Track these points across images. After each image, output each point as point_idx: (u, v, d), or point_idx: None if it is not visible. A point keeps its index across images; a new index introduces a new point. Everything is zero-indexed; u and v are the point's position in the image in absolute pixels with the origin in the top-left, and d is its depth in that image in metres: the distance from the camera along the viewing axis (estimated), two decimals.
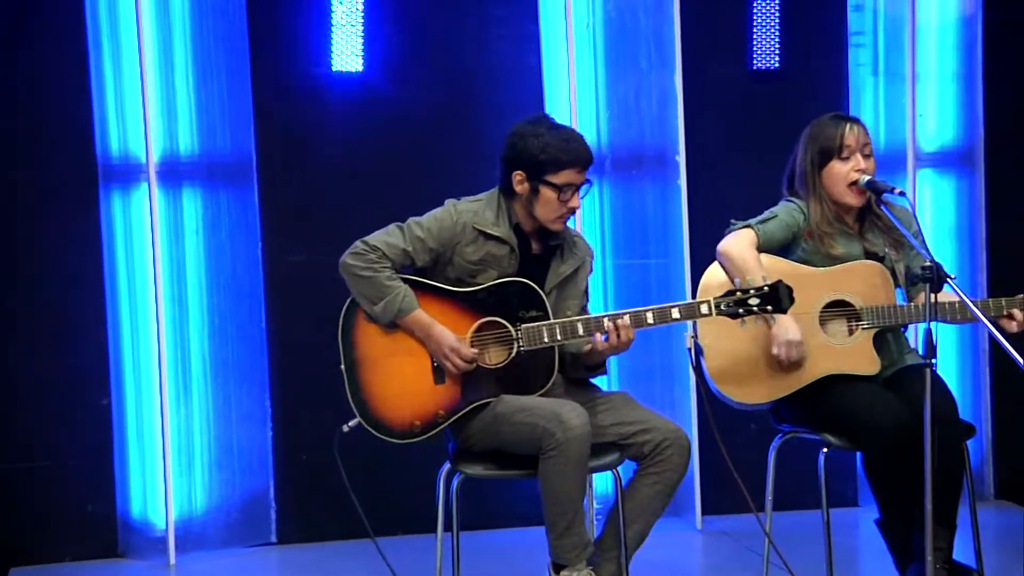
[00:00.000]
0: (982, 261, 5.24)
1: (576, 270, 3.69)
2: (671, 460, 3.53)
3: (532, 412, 3.44)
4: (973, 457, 5.08)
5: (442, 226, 3.58)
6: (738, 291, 3.48)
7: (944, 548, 3.51)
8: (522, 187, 3.58)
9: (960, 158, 5.29)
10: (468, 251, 3.58)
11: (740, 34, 5.09)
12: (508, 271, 3.59)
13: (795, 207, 3.81)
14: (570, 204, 3.56)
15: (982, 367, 5.27)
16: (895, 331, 3.81)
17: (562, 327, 3.52)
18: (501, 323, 3.55)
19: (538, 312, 3.55)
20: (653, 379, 5.05)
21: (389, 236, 3.57)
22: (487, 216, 3.60)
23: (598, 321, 3.52)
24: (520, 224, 3.62)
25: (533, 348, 3.53)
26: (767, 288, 3.46)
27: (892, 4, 5.15)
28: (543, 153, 3.52)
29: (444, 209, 3.63)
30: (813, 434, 3.71)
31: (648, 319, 3.48)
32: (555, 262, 3.67)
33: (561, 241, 3.68)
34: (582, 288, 3.73)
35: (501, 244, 3.60)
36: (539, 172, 3.53)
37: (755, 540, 3.95)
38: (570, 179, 3.53)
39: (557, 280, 3.65)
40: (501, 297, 3.56)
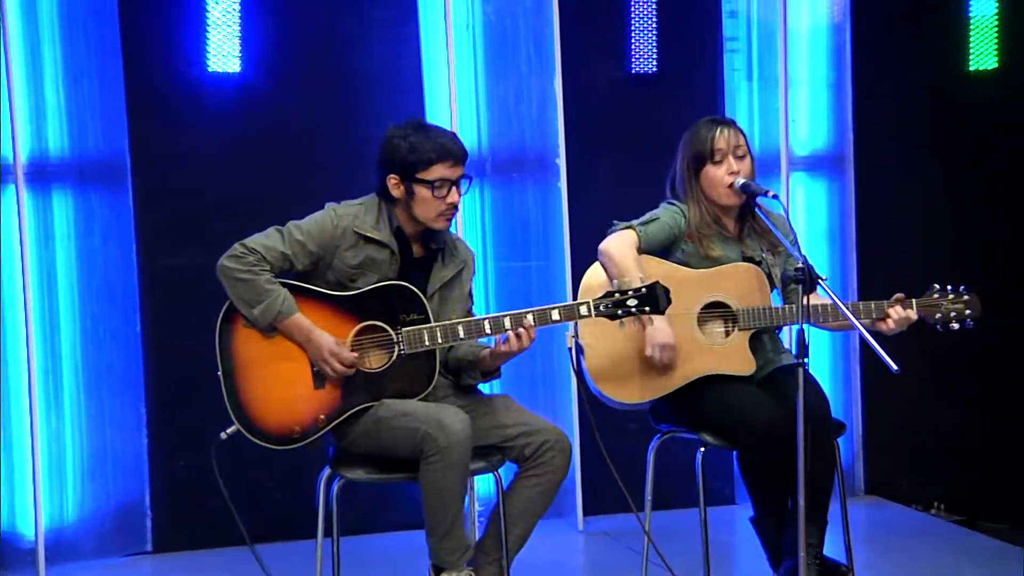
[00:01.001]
0: (852, 263, 5.37)
1: (458, 273, 3.70)
2: (552, 462, 3.55)
3: (413, 417, 3.43)
4: (844, 454, 5.26)
5: (322, 230, 3.55)
6: (616, 292, 3.51)
7: (815, 544, 3.59)
8: (398, 190, 3.57)
9: (831, 162, 5.42)
10: (348, 255, 3.56)
11: (618, 38, 5.15)
12: (388, 275, 3.58)
13: (677, 210, 3.86)
14: (448, 200, 3.55)
15: (853, 367, 5.40)
16: (770, 332, 3.88)
17: (443, 330, 3.51)
18: (381, 327, 3.54)
19: (419, 316, 3.54)
20: (535, 381, 5.07)
21: (268, 239, 3.52)
22: (367, 220, 3.58)
23: (479, 324, 3.52)
24: (402, 227, 3.61)
25: (414, 351, 3.52)
26: (644, 289, 3.50)
27: (765, 11, 5.26)
28: (412, 153, 3.53)
29: (324, 213, 3.60)
30: (691, 433, 3.76)
31: (529, 320, 3.50)
32: (437, 266, 3.66)
33: (442, 245, 3.68)
34: (466, 291, 3.74)
35: (381, 248, 3.58)
36: (411, 172, 3.54)
37: (635, 539, 4.00)
38: (443, 174, 3.53)
39: (439, 284, 3.64)
40: (382, 301, 3.54)
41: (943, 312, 3.76)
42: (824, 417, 3.65)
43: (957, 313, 3.76)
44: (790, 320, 3.77)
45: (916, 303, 3.75)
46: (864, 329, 3.32)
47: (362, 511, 4.75)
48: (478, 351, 3.64)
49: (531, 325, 3.50)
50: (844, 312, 3.40)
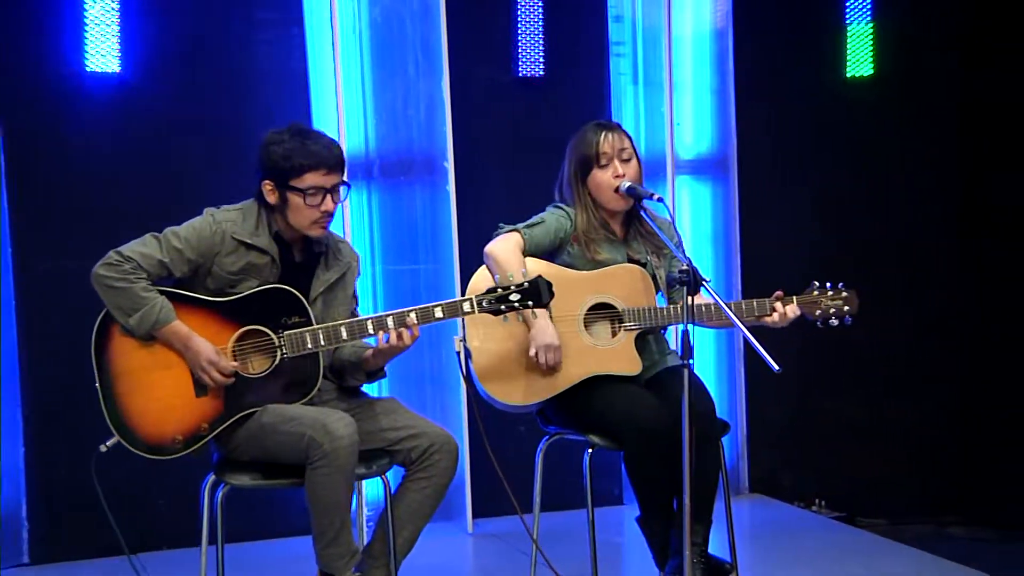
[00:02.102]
0: (736, 264, 5.46)
1: (342, 276, 3.66)
2: (439, 464, 3.54)
3: (299, 422, 3.39)
4: (729, 454, 5.34)
5: (200, 236, 3.49)
6: (499, 288, 3.52)
7: (700, 542, 3.63)
8: (273, 196, 3.53)
9: (716, 165, 5.50)
10: (228, 261, 3.51)
11: (505, 42, 5.16)
12: (270, 281, 3.53)
13: (563, 213, 3.88)
14: (322, 208, 3.51)
15: (737, 367, 5.49)
16: (656, 333, 3.92)
17: (325, 332, 3.48)
18: (263, 331, 3.49)
19: (301, 319, 3.51)
20: (423, 384, 5.06)
21: (144, 246, 3.46)
22: (246, 226, 3.54)
23: (362, 324, 3.50)
24: (281, 232, 3.57)
25: (297, 355, 3.48)
26: (527, 284, 3.52)
27: (650, 16, 5.32)
28: (284, 160, 3.48)
29: (202, 219, 3.54)
30: (578, 435, 3.78)
31: (411, 318, 3.49)
32: (319, 269, 3.63)
33: (324, 248, 3.65)
34: (350, 293, 3.71)
35: (262, 254, 3.54)
36: (284, 179, 3.49)
37: (524, 541, 4.01)
38: (316, 182, 3.49)
39: (323, 287, 3.61)
40: (262, 305, 3.50)
41: (823, 309, 3.83)
42: (709, 417, 3.69)
43: (836, 309, 3.83)
44: (675, 320, 3.82)
45: (797, 300, 3.82)
46: (747, 330, 3.36)
47: (248, 517, 4.68)
48: (362, 352, 3.62)
49: (414, 323, 3.49)
50: (728, 314, 3.45)
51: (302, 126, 3.61)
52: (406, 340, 3.49)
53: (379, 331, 3.49)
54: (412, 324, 3.48)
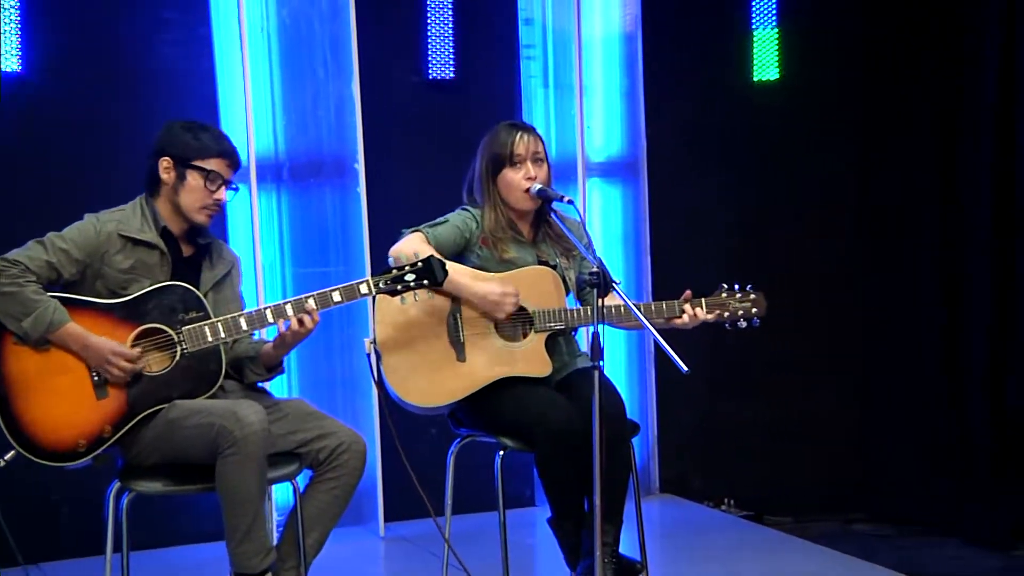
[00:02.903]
0: (647, 265, 5.51)
1: (227, 274, 3.67)
2: (348, 465, 3.52)
3: (208, 413, 3.36)
4: (640, 454, 5.37)
5: (85, 236, 3.46)
6: (394, 269, 3.52)
7: (611, 543, 3.65)
8: (168, 175, 3.53)
9: (626, 168, 5.55)
10: (117, 260, 3.47)
11: (416, 44, 5.15)
12: (160, 278, 3.51)
13: (469, 215, 3.88)
14: (216, 196, 3.53)
15: (648, 368, 5.53)
16: (566, 335, 3.94)
17: (225, 324, 3.46)
18: (160, 329, 3.45)
19: (198, 313, 3.48)
20: (334, 387, 5.03)
21: (29, 251, 3.43)
22: (132, 223, 3.53)
23: (261, 313, 3.48)
24: (168, 227, 3.54)
25: (197, 349, 3.45)
26: (420, 263, 3.53)
27: (560, 19, 5.35)
28: (195, 140, 3.53)
29: (85, 221, 3.53)
30: (490, 437, 3.79)
31: (310, 304, 3.47)
32: (206, 265, 3.63)
33: (210, 241, 3.64)
34: (236, 292, 3.70)
35: (151, 250, 3.51)
36: (188, 157, 3.51)
37: (436, 544, 4.00)
38: (219, 168, 3.53)
39: (212, 281, 3.61)
40: (157, 303, 3.47)
41: (731, 311, 3.88)
42: (619, 418, 3.72)
43: (744, 311, 3.88)
44: (585, 322, 3.84)
45: (705, 302, 3.86)
46: (656, 332, 3.39)
47: (155, 524, 4.61)
48: (259, 346, 3.62)
49: (313, 308, 3.48)
50: (637, 316, 3.48)
51: (206, 123, 3.64)
52: (308, 325, 3.48)
53: (278, 319, 3.47)
54: (311, 310, 3.47)
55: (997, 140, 4.98)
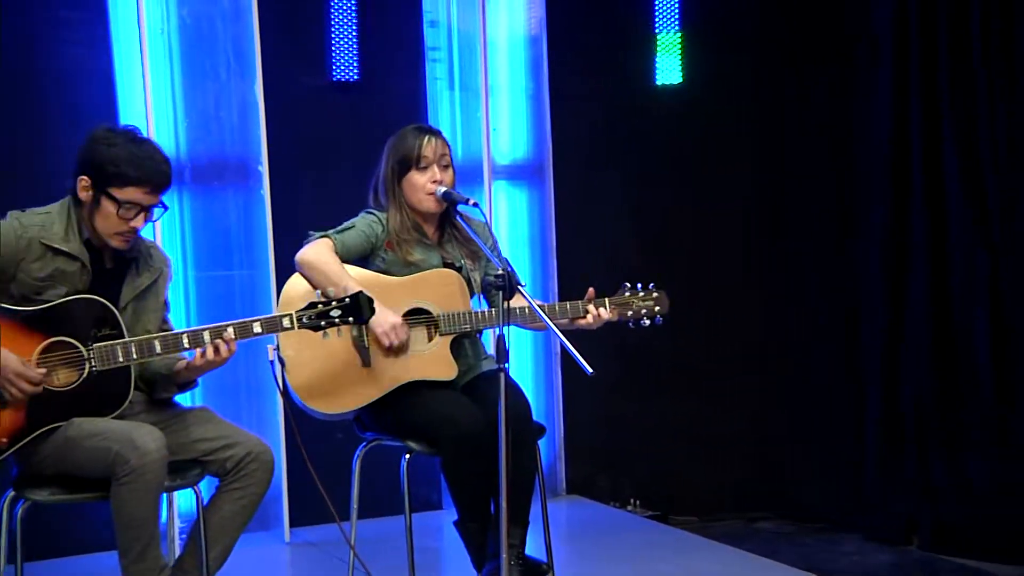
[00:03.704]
0: (553, 267, 5.53)
1: (154, 282, 3.57)
2: (255, 475, 3.48)
3: (105, 436, 3.28)
4: (547, 456, 5.40)
5: (5, 241, 3.34)
6: (319, 303, 3.48)
7: (518, 544, 3.67)
8: (86, 194, 3.41)
9: (532, 170, 5.56)
10: (34, 267, 3.37)
11: (320, 46, 5.11)
12: (79, 288, 3.40)
13: (374, 218, 3.87)
14: (132, 224, 3.40)
15: (555, 370, 5.56)
16: (472, 337, 3.94)
17: (138, 345, 3.37)
18: (71, 343, 3.36)
19: (112, 331, 3.38)
20: (238, 393, 4.96)
21: None
22: (56, 230, 3.40)
23: (176, 338, 3.40)
24: (92, 239, 3.45)
25: (107, 368, 3.36)
26: (348, 299, 3.48)
27: (465, 21, 5.35)
28: (111, 164, 3.36)
29: (7, 223, 3.39)
30: (396, 440, 3.78)
31: (229, 333, 3.41)
32: (130, 275, 3.52)
33: (136, 253, 3.54)
34: (162, 300, 3.61)
35: (71, 260, 3.41)
36: (103, 182, 3.37)
37: (342, 549, 3.98)
38: (134, 197, 3.38)
39: (134, 294, 3.51)
40: (70, 316, 3.35)
41: (634, 309, 3.91)
42: (525, 420, 3.73)
43: (647, 310, 3.92)
44: (491, 324, 3.84)
45: (609, 301, 3.89)
46: (561, 333, 3.41)
47: (50, 533, 4.51)
48: (173, 364, 3.53)
49: (231, 338, 3.42)
50: (542, 317, 3.49)
51: (138, 134, 3.46)
52: (223, 354, 3.41)
53: (194, 346, 3.40)
54: (229, 340, 3.40)
55: (892, 142, 5.09)
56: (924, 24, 4.92)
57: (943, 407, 4.94)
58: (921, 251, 4.99)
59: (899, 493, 5.09)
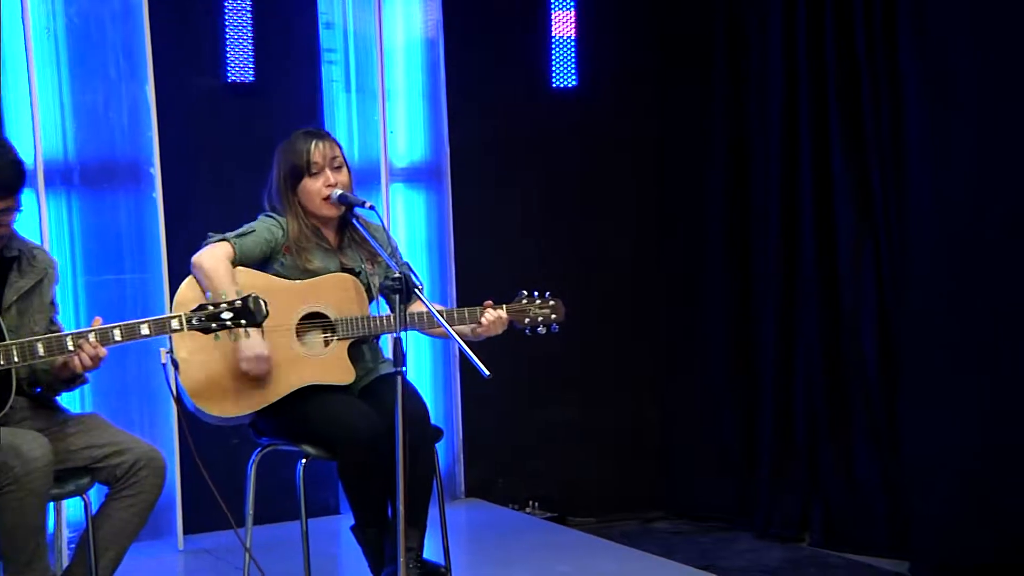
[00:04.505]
0: (451, 272, 5.53)
1: (39, 282, 3.50)
2: (146, 481, 3.42)
3: None
4: (445, 459, 5.40)
5: None
6: (210, 305, 3.43)
7: (415, 548, 3.66)
8: None
9: (429, 173, 5.55)
10: None
11: (213, 47, 5.05)
12: None
13: (274, 222, 3.84)
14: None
15: (453, 373, 5.55)
16: (369, 342, 3.92)
17: (20, 348, 3.29)
18: None
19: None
20: (129, 398, 4.88)
21: None
22: None
23: (60, 341, 3.33)
24: None
25: None
26: (239, 302, 3.44)
27: (361, 23, 5.32)
28: None
29: None
30: (292, 445, 3.74)
31: (116, 336, 3.35)
32: (13, 276, 3.45)
33: (18, 253, 3.47)
34: (47, 300, 3.54)
35: None
36: None
37: (237, 555, 3.93)
38: None
39: (17, 295, 3.43)
40: None
41: (531, 316, 3.93)
42: (423, 424, 3.73)
43: (544, 317, 3.94)
44: (388, 329, 3.83)
45: (506, 308, 3.90)
46: (458, 337, 3.42)
47: None
48: (54, 361, 3.44)
49: (118, 340, 3.36)
50: (439, 320, 3.50)
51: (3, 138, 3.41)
52: (90, 359, 3.33)
53: (79, 349, 3.33)
54: (115, 341, 3.34)
55: (782, 144, 5.17)
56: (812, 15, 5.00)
57: (833, 406, 5.04)
58: (810, 252, 5.08)
59: (791, 491, 5.18)
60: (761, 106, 5.29)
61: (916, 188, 4.56)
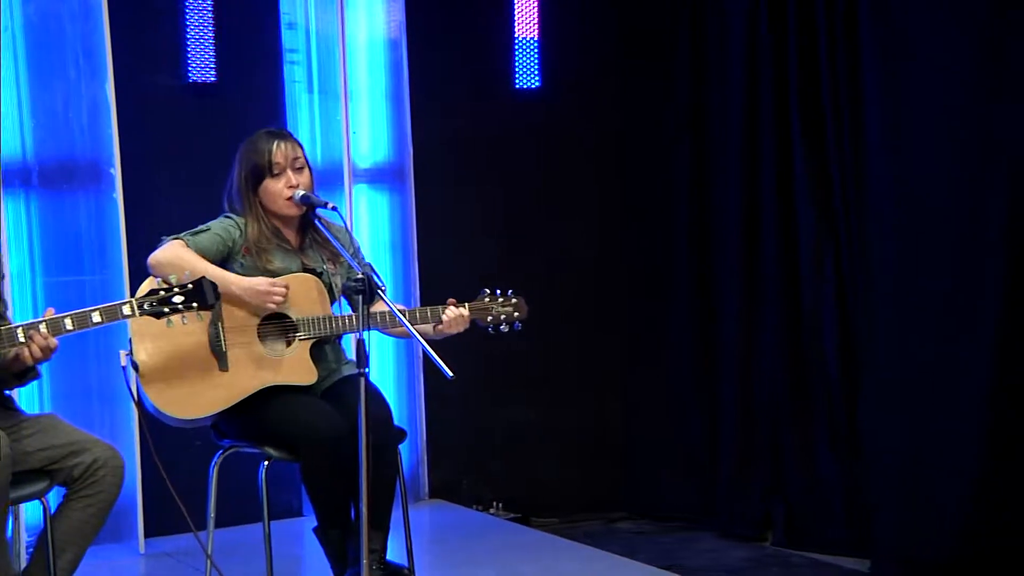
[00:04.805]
0: (414, 272, 5.52)
1: None
2: (104, 481, 3.39)
3: None
4: (409, 460, 5.39)
5: None
6: (161, 290, 3.40)
7: (378, 550, 3.65)
8: None
9: (393, 174, 5.54)
10: None
11: (174, 46, 5.01)
12: None
13: (232, 223, 3.82)
14: None
15: (417, 374, 5.54)
16: (331, 342, 3.91)
17: None
18: None
19: None
20: (90, 400, 4.84)
21: None
22: None
23: (11, 332, 3.30)
24: None
25: None
26: (191, 285, 3.41)
27: (324, 23, 5.30)
28: None
29: None
30: (254, 447, 3.72)
31: (67, 325, 3.32)
32: None
33: None
34: None
35: None
36: None
37: (199, 559, 3.91)
38: None
39: None
40: None
41: (494, 315, 3.92)
42: (386, 425, 3.72)
43: (507, 316, 3.94)
44: (350, 329, 3.81)
45: (469, 307, 3.90)
46: (420, 337, 3.41)
47: None
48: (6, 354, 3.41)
49: (70, 329, 3.33)
50: (402, 322, 3.49)
51: None
52: (42, 349, 3.30)
53: (29, 339, 3.29)
54: (67, 331, 3.31)
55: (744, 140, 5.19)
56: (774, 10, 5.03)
57: (795, 405, 5.06)
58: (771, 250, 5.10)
59: (753, 490, 5.20)
60: (723, 102, 5.30)
61: (875, 187, 4.59)
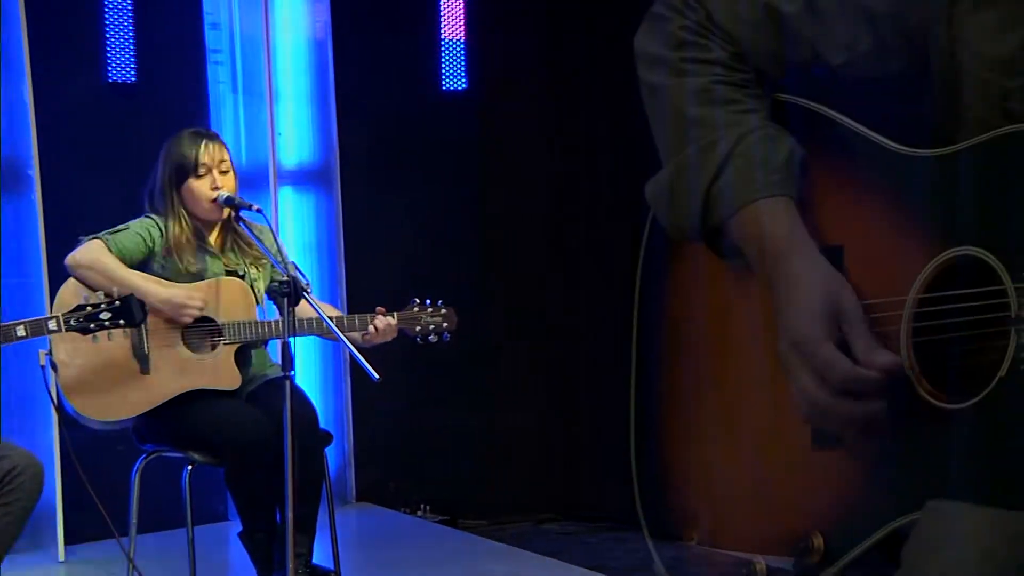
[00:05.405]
0: (341, 275, 5.49)
1: None
2: (23, 487, 3.32)
3: None
4: (336, 463, 5.36)
5: None
6: (88, 306, 3.36)
7: (304, 553, 3.63)
8: None
9: (318, 176, 5.51)
10: None
11: (94, 45, 4.94)
12: None
13: (152, 223, 3.77)
14: None
15: (343, 377, 5.51)
16: (256, 345, 3.88)
17: None
18: None
19: None
20: (8, 402, 4.74)
21: None
22: None
23: None
24: None
25: None
26: (119, 302, 3.38)
27: (248, 24, 5.25)
28: None
29: None
30: (177, 451, 3.68)
31: None
32: None
33: None
34: None
35: None
36: None
37: (122, 565, 3.84)
38: None
39: None
40: None
41: (423, 325, 3.91)
42: (312, 428, 3.70)
43: (436, 326, 3.93)
44: (276, 334, 3.78)
45: (398, 316, 3.88)
46: (346, 340, 3.40)
47: None
48: None
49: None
50: (329, 325, 3.48)
51: None
52: None
53: None
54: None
55: None
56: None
57: None
58: None
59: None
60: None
61: None
